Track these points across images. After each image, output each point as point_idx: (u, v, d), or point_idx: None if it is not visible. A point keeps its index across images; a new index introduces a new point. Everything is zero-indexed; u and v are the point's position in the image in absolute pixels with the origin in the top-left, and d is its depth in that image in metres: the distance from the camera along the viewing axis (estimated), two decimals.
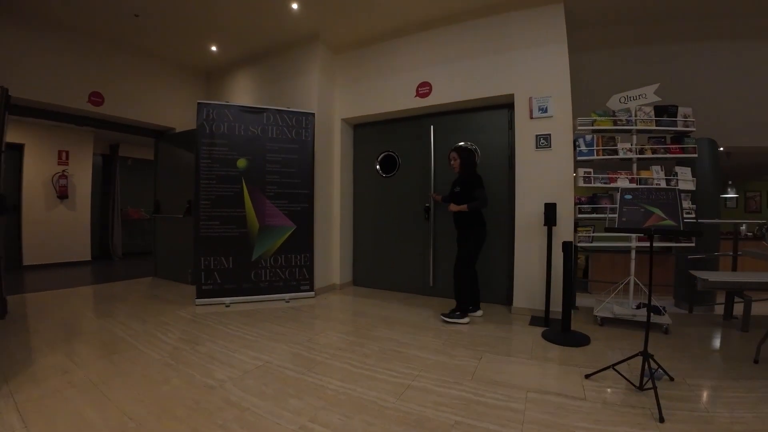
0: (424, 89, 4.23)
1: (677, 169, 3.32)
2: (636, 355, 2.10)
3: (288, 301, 4.09)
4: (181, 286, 4.82)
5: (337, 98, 4.85)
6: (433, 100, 4.19)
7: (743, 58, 4.30)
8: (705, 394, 2.04)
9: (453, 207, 3.42)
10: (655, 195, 2.17)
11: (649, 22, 4.14)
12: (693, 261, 3.74)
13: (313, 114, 4.30)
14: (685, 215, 2.13)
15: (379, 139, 4.86)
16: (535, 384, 2.16)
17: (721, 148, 4.74)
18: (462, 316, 3.37)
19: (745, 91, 4.37)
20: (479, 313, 3.60)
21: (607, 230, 2.35)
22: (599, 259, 5.47)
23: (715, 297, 3.88)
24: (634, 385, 2.06)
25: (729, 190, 9.33)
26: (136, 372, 2.26)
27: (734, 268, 3.72)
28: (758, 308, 3.28)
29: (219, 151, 3.89)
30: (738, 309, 3.40)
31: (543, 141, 3.60)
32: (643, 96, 3.31)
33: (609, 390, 2.07)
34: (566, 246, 3.00)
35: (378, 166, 4.86)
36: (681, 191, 2.48)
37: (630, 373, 2.19)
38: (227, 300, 3.90)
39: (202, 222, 3.85)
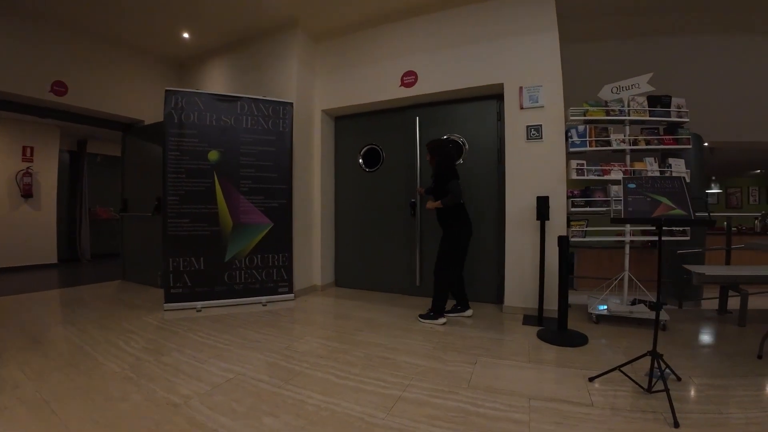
0: (409, 78, 4.03)
1: (671, 160, 3.23)
2: (645, 354, 1.95)
3: (265, 305, 3.82)
4: (150, 290, 4.49)
5: (317, 88, 4.60)
6: (419, 89, 3.99)
7: (730, 54, 4.27)
8: (715, 394, 1.91)
9: (429, 205, 3.30)
10: (660, 184, 2.03)
11: (636, 14, 4.08)
12: (682, 255, 3.66)
13: (291, 103, 4.03)
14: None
15: (362, 132, 4.63)
16: (536, 390, 1.99)
17: (706, 144, 4.71)
18: (436, 317, 3.23)
19: (732, 87, 4.34)
20: (469, 312, 3.42)
21: (612, 221, 2.22)
22: (585, 255, 5.38)
23: (702, 292, 3.81)
24: (642, 387, 1.92)
25: (712, 185, 9.50)
26: (92, 387, 2.01)
27: (728, 262, 3.65)
28: (752, 302, 3.21)
29: (188, 142, 3.59)
30: (732, 303, 3.35)
31: (534, 132, 3.45)
32: (636, 86, 3.21)
33: (616, 394, 1.92)
34: (562, 241, 2.86)
35: (361, 160, 4.64)
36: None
37: (634, 373, 2.05)
38: (199, 304, 3.61)
39: (171, 220, 3.55)
